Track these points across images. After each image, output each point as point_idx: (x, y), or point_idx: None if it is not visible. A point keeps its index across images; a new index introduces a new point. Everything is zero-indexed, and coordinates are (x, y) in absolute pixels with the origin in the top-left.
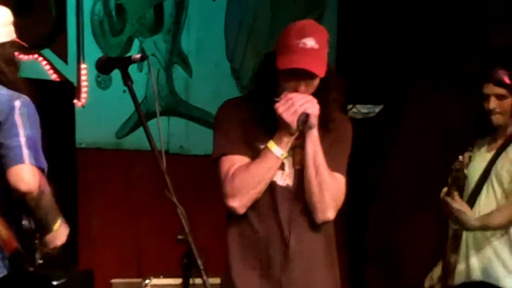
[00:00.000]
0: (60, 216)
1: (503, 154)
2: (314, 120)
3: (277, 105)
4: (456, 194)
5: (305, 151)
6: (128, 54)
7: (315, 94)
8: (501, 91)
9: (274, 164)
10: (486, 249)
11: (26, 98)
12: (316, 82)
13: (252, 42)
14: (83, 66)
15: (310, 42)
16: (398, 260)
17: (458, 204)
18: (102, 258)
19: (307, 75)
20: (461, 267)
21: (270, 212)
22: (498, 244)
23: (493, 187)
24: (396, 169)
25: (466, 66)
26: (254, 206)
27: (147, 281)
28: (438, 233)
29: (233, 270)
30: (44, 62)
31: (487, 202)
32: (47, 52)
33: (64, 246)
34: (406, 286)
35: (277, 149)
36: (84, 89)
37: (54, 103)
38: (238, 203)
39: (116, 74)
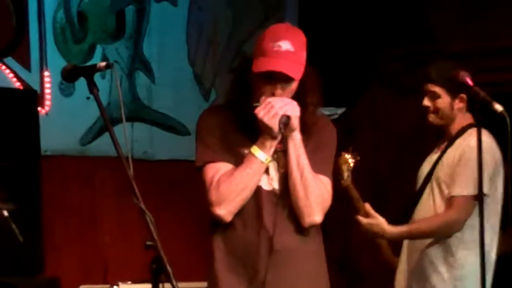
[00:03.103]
0: None
1: (444, 157)
2: (295, 122)
3: (257, 109)
4: (365, 206)
5: (288, 155)
6: (91, 61)
7: (294, 97)
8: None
9: (258, 169)
10: (423, 256)
11: None
12: (293, 85)
13: (213, 47)
14: (46, 73)
15: (285, 45)
16: (358, 265)
17: (367, 219)
18: (67, 265)
19: (282, 79)
20: (400, 273)
21: (255, 217)
22: (432, 251)
23: (432, 191)
24: (352, 175)
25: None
26: (239, 212)
27: (115, 287)
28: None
29: (219, 278)
30: (7, 71)
31: (425, 206)
32: (9, 60)
33: (29, 253)
34: None
35: (261, 154)
36: (47, 97)
37: (18, 111)
38: (225, 210)
39: (79, 81)
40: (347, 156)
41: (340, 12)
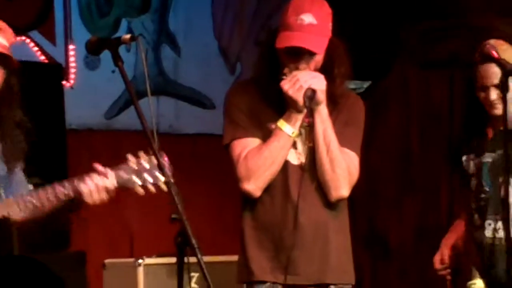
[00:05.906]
0: None
1: None
2: (321, 96)
3: (282, 83)
4: None
5: (315, 128)
6: (116, 35)
7: (321, 69)
8: None
9: (285, 143)
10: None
11: None
12: (318, 58)
13: (239, 20)
14: (71, 47)
15: (308, 18)
16: (386, 243)
17: None
18: (93, 239)
19: (305, 53)
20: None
21: (282, 191)
22: None
23: None
24: (380, 151)
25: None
26: (268, 187)
27: (140, 260)
28: (422, 215)
29: (248, 254)
30: (32, 44)
31: None
32: (35, 34)
33: (55, 227)
34: (393, 268)
35: (288, 128)
36: (72, 70)
37: (43, 85)
38: (254, 185)
39: (104, 54)
40: None
41: None
